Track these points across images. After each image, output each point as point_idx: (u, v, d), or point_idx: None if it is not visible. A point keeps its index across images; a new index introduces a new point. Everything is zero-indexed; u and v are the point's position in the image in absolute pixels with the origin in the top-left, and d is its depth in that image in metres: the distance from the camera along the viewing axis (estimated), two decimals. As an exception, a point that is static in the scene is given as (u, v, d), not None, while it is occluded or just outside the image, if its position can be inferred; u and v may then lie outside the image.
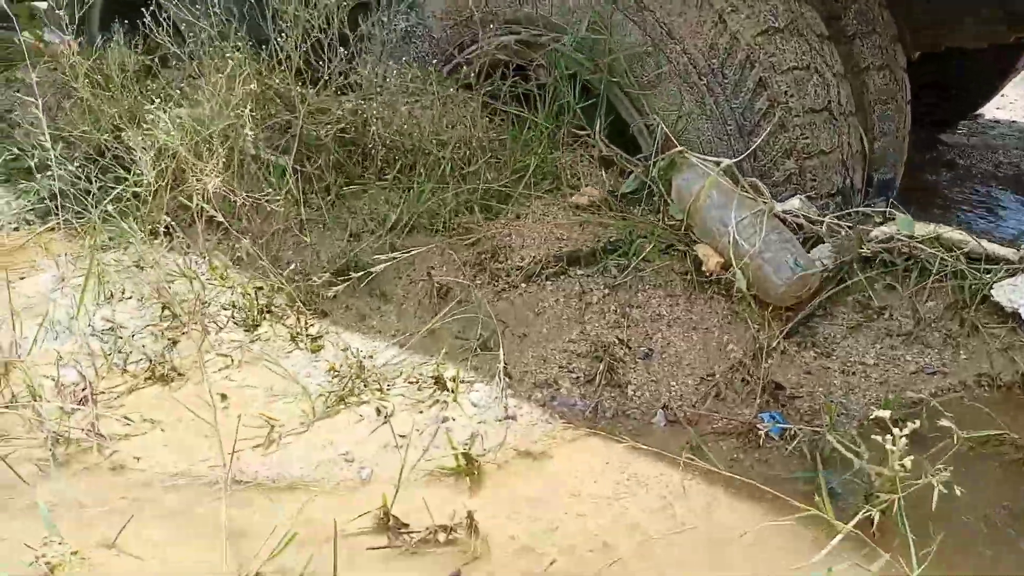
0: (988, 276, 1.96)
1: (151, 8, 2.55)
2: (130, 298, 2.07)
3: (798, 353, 1.89)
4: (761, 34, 2.21)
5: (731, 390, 1.81)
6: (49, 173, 2.56)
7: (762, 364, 1.83)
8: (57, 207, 2.39)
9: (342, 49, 2.45)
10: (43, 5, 4.63)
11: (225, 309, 2.01)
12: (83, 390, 1.73)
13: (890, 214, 2.17)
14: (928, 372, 1.83)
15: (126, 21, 3.19)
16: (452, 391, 1.79)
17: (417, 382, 1.82)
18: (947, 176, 3.45)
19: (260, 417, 1.69)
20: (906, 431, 1.32)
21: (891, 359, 1.86)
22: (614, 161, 2.46)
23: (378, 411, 1.73)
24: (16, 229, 2.58)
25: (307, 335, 1.97)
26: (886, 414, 1.40)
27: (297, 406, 1.75)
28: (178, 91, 2.45)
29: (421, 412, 1.74)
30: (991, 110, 4.42)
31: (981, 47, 2.77)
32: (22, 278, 2.21)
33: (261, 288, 2.06)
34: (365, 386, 1.79)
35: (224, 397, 1.76)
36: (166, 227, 2.08)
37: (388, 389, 1.80)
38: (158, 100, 2.01)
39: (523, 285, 2.12)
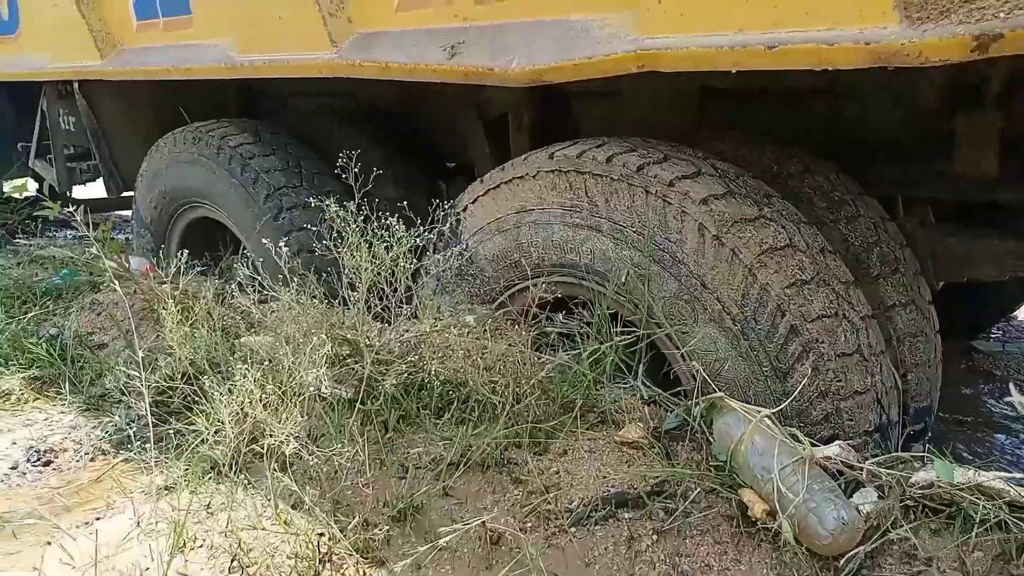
0: (1033, 528, 1.99)
1: (238, 271, 2.81)
2: (201, 546, 2.18)
3: (850, 614, 1.91)
4: (790, 286, 2.38)
5: (785, 656, 1.82)
6: (123, 404, 2.77)
7: (814, 628, 1.85)
8: (132, 439, 2.57)
9: (404, 296, 2.69)
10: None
11: (288, 559, 2.10)
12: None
13: (928, 458, 2.24)
14: (983, 636, 1.83)
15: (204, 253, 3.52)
16: (508, 656, 1.83)
17: (474, 646, 1.87)
18: (985, 388, 3.50)
19: None
20: None
21: (944, 621, 1.87)
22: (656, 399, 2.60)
23: None
24: (92, 460, 2.76)
25: (366, 588, 2.05)
26: None
27: (358, 672, 1.80)
28: (253, 330, 2.69)
29: None
30: (1024, 312, 4.52)
31: (1002, 279, 2.91)
32: (98, 519, 2.35)
33: (323, 535, 2.16)
34: (423, 650, 1.84)
35: (288, 662, 1.82)
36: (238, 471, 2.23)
37: (446, 654, 1.85)
38: (242, 364, 2.20)
39: (572, 529, 2.20)
